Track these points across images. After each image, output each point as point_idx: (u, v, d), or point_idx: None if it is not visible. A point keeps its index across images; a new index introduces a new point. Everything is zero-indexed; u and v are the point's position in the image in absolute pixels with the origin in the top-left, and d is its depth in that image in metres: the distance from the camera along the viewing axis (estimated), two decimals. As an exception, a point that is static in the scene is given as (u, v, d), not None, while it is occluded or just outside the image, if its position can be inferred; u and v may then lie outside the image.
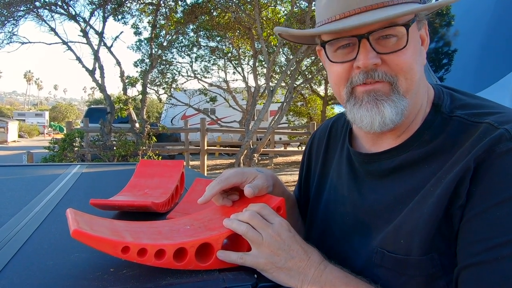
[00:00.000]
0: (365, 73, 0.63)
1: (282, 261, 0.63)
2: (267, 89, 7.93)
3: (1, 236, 0.79)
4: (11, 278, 0.61)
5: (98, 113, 11.49)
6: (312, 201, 0.86)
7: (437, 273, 0.58)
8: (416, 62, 0.63)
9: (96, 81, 7.72)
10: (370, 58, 0.61)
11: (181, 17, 8.86)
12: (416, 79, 0.63)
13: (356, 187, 0.72)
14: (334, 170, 0.81)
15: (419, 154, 0.64)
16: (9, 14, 7.51)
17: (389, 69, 0.62)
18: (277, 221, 0.66)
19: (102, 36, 7.78)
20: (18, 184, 1.39)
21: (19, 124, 25.43)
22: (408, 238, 0.60)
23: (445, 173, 0.59)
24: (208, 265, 0.65)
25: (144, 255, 0.61)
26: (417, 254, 0.59)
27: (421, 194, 0.61)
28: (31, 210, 0.98)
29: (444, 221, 0.57)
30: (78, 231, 0.59)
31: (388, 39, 0.61)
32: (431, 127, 0.65)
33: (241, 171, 0.75)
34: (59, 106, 44.84)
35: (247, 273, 0.65)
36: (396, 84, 0.62)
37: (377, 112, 0.62)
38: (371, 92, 0.63)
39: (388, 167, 0.67)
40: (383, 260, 0.63)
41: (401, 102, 0.62)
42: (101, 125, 7.63)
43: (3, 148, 18.00)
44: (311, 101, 15.10)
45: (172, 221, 0.78)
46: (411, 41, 0.62)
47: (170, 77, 11.34)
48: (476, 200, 0.55)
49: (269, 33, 8.87)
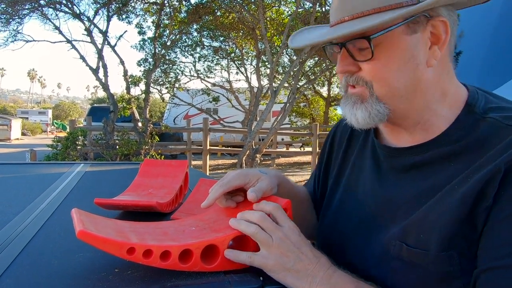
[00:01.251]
0: (345, 77, 0.68)
1: (291, 262, 0.63)
2: (270, 90, 7.93)
3: (6, 234, 0.79)
4: (16, 277, 0.61)
5: (101, 112, 11.51)
6: (330, 189, 0.85)
7: (454, 272, 0.57)
8: (394, 71, 0.64)
9: (99, 80, 7.74)
10: (343, 65, 0.67)
11: (185, 17, 8.87)
12: (396, 86, 0.64)
13: (378, 178, 0.72)
14: (355, 160, 0.81)
15: (447, 151, 0.63)
16: (14, 12, 7.54)
17: (364, 76, 0.66)
18: (287, 225, 0.67)
19: (106, 35, 7.80)
20: (22, 183, 1.39)
21: (22, 122, 25.51)
22: (428, 233, 0.60)
23: (472, 173, 0.58)
24: (214, 266, 0.65)
25: (149, 256, 0.61)
26: (436, 250, 0.58)
27: (445, 191, 0.60)
28: (36, 209, 0.98)
29: (467, 221, 0.57)
30: (83, 232, 0.59)
31: (363, 48, 0.64)
32: (462, 127, 0.64)
33: (244, 173, 0.75)
34: (62, 105, 44.99)
35: (253, 275, 0.65)
36: (371, 89, 0.66)
37: (352, 114, 0.68)
38: (353, 95, 0.68)
39: (413, 162, 0.67)
40: (400, 253, 0.62)
41: (374, 107, 0.66)
42: (104, 124, 7.65)
43: (6, 145, 18.07)
44: (314, 102, 15.09)
45: (178, 222, 0.78)
46: (384, 51, 0.63)
47: (173, 76, 11.36)
48: (504, 203, 0.54)
49: (273, 33, 8.86)
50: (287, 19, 8.39)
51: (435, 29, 0.64)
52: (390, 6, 0.61)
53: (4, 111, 34.60)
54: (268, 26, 8.59)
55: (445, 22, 0.64)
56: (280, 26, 8.77)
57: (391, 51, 0.63)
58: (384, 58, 0.63)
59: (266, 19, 8.51)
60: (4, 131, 21.13)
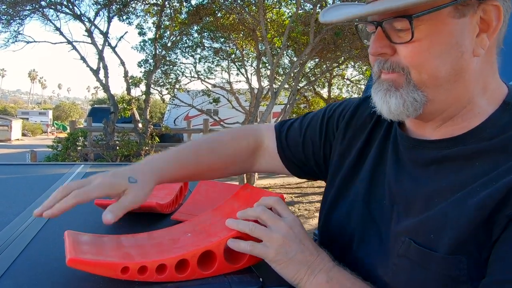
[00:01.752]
0: (379, 62, 0.62)
1: (292, 252, 0.63)
2: (270, 91, 7.93)
3: (6, 235, 0.79)
4: (16, 278, 0.61)
5: (101, 112, 11.50)
6: (343, 181, 0.78)
7: (461, 277, 0.54)
8: (434, 57, 0.57)
9: (100, 81, 7.74)
10: (377, 46, 0.60)
11: (186, 18, 8.88)
12: (436, 74, 0.58)
13: (396, 171, 0.68)
14: (376, 153, 0.74)
15: (474, 149, 0.58)
16: (15, 13, 7.55)
17: (400, 60, 0.60)
18: (290, 217, 0.67)
19: (107, 36, 7.81)
20: (22, 183, 1.40)
21: (23, 122, 25.48)
22: (439, 233, 0.56)
23: (498, 176, 0.54)
24: (212, 272, 0.65)
25: (144, 272, 0.61)
26: (444, 252, 0.55)
27: (466, 192, 0.56)
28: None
29: (484, 226, 0.53)
30: (73, 260, 0.58)
31: (402, 29, 0.58)
32: (495, 126, 0.59)
33: (108, 183, 0.68)
34: (62, 105, 44.95)
35: (253, 276, 0.65)
36: (408, 76, 0.59)
37: (384, 102, 0.62)
38: (385, 81, 0.62)
39: (436, 157, 0.62)
40: (408, 251, 0.59)
41: (411, 95, 0.60)
42: (104, 124, 7.65)
43: (7, 146, 18.07)
44: (314, 103, 15.07)
45: (173, 228, 0.77)
46: (425, 34, 0.56)
47: (174, 77, 11.35)
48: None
49: (273, 35, 8.87)
50: (287, 20, 8.40)
51: (486, 14, 0.57)
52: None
53: (5, 112, 34.62)
54: (268, 28, 8.59)
55: (499, 7, 0.56)
56: (281, 27, 8.78)
57: (434, 34, 0.56)
58: (425, 42, 0.57)
59: (267, 20, 8.52)
60: (4, 131, 21.12)
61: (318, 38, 7.46)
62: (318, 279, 0.61)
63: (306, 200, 6.85)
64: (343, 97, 14.24)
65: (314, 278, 0.61)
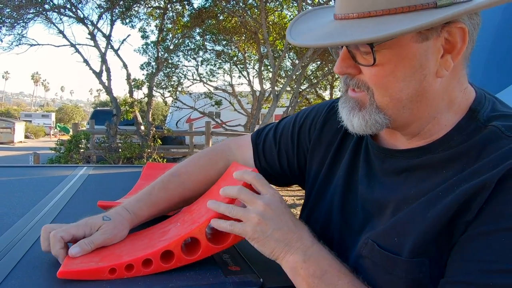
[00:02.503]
0: (345, 77, 0.64)
1: (269, 230, 0.63)
2: (272, 93, 7.95)
3: (10, 237, 0.80)
4: (20, 279, 0.62)
5: (104, 115, 11.55)
6: (320, 185, 0.80)
7: (423, 279, 0.56)
8: (397, 80, 0.58)
9: (102, 84, 7.79)
10: (341, 66, 0.61)
11: (188, 21, 8.92)
12: (398, 97, 0.59)
13: (368, 179, 0.69)
14: (348, 159, 0.76)
15: (441, 157, 0.60)
16: (19, 17, 7.61)
17: (366, 80, 0.61)
18: (269, 193, 0.67)
19: (110, 39, 7.86)
20: (25, 185, 1.41)
21: (26, 125, 25.61)
22: (402, 237, 0.58)
23: (460, 181, 0.55)
24: (198, 256, 0.67)
25: (131, 269, 0.64)
26: (408, 256, 0.56)
27: (429, 196, 0.58)
28: (39, 211, 1.00)
29: (445, 230, 0.55)
30: (63, 272, 0.62)
31: (367, 52, 0.58)
32: (462, 133, 0.60)
33: (84, 223, 0.73)
34: (65, 108, 45.15)
35: (253, 276, 0.66)
36: (372, 97, 0.61)
37: (348, 119, 0.64)
38: (351, 99, 0.64)
39: (406, 166, 0.64)
40: (371, 253, 0.61)
41: (373, 117, 0.61)
42: (107, 127, 7.68)
43: (10, 148, 18.15)
44: (316, 105, 15.06)
45: (167, 220, 0.80)
46: (389, 59, 0.57)
47: (176, 80, 11.40)
48: (486, 218, 0.52)
49: (275, 37, 8.89)
50: (289, 23, 8.42)
51: (451, 35, 0.57)
52: (402, 8, 0.54)
53: (8, 114, 34.78)
54: (270, 30, 8.62)
55: (464, 29, 0.56)
56: (282, 30, 8.80)
57: (396, 58, 0.57)
58: (388, 66, 0.57)
59: (269, 23, 8.55)
60: (7, 134, 21.21)
61: (320, 41, 7.46)
62: (294, 258, 0.62)
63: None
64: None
65: (291, 256, 0.62)
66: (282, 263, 0.63)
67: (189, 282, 0.63)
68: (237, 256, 0.75)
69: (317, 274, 0.60)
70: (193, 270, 0.67)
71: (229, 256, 0.75)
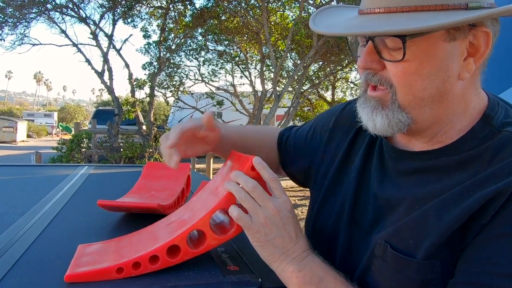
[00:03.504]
0: (367, 74, 0.62)
1: (271, 235, 0.63)
2: (274, 94, 7.95)
3: (10, 235, 0.80)
4: (19, 277, 0.62)
5: (105, 114, 11.55)
6: (331, 182, 0.80)
7: (434, 280, 0.56)
8: (422, 78, 0.58)
9: (104, 83, 7.80)
10: (366, 60, 0.60)
11: (190, 21, 8.93)
12: (421, 95, 0.59)
13: (380, 178, 0.70)
14: (361, 157, 0.76)
15: (454, 160, 0.60)
16: (22, 16, 7.63)
17: (388, 77, 0.60)
18: (281, 199, 0.66)
19: (112, 38, 7.87)
20: (27, 184, 1.41)
21: (28, 124, 25.64)
22: (417, 239, 0.58)
23: (475, 186, 0.55)
24: (204, 248, 0.67)
25: (139, 267, 0.64)
26: (421, 258, 0.57)
27: (443, 199, 0.58)
28: (40, 210, 1.00)
29: (459, 232, 0.55)
30: (69, 276, 0.62)
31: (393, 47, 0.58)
32: (475, 138, 0.60)
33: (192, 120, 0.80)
34: (67, 107, 45.26)
35: (251, 276, 0.66)
36: (394, 95, 0.60)
37: (370, 119, 0.63)
38: (372, 99, 0.63)
39: (418, 167, 0.64)
40: (384, 254, 0.61)
41: (396, 116, 0.60)
42: (108, 126, 7.70)
43: (12, 147, 18.20)
44: (318, 106, 15.05)
45: (170, 216, 0.80)
46: (417, 56, 0.56)
47: (178, 80, 11.40)
48: (500, 222, 0.52)
49: (277, 37, 8.89)
50: (291, 23, 8.42)
51: (476, 39, 0.57)
52: (434, 6, 0.54)
53: (10, 114, 34.87)
54: (272, 31, 8.62)
55: (488, 34, 0.57)
56: (284, 30, 8.80)
57: (424, 56, 0.57)
58: (415, 63, 0.57)
59: (270, 23, 8.55)
60: (10, 133, 21.27)
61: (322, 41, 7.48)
62: (290, 268, 0.62)
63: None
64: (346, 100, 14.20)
65: (286, 265, 0.63)
66: (277, 270, 0.64)
67: (187, 281, 0.63)
68: (236, 256, 0.75)
69: (314, 281, 0.61)
70: (192, 269, 0.67)
71: (228, 256, 0.75)
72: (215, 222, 0.71)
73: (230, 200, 0.67)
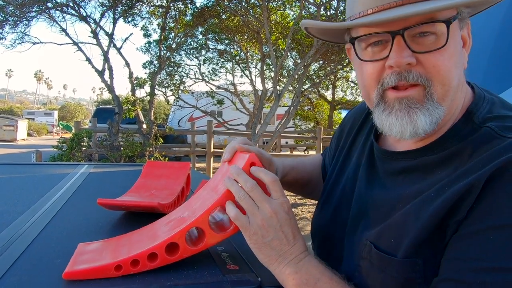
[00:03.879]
0: (398, 74, 0.57)
1: (268, 237, 0.63)
2: (274, 93, 7.94)
3: (10, 233, 0.80)
4: (19, 276, 0.62)
5: (106, 113, 11.57)
6: (333, 182, 0.82)
7: (417, 279, 0.56)
8: (455, 66, 0.56)
9: (105, 82, 7.79)
10: (404, 56, 0.55)
11: (190, 20, 8.92)
12: (454, 85, 0.57)
13: (369, 179, 0.71)
14: (356, 157, 0.78)
15: (436, 159, 0.60)
16: (22, 15, 7.62)
17: (424, 70, 0.56)
18: (280, 200, 0.64)
19: (112, 37, 7.86)
20: (27, 183, 1.41)
21: (29, 122, 25.68)
22: (398, 238, 0.58)
23: (452, 182, 0.55)
24: (203, 246, 0.67)
25: (137, 265, 0.64)
26: (402, 256, 0.57)
27: (422, 198, 0.58)
28: (40, 209, 1.00)
29: (438, 230, 0.55)
30: (68, 273, 0.62)
31: (425, 37, 0.55)
32: (457, 135, 0.59)
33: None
34: (68, 106, 45.28)
35: (251, 275, 0.66)
36: (431, 89, 0.56)
37: (408, 122, 0.58)
38: (403, 99, 0.58)
39: (403, 167, 0.64)
40: (370, 254, 0.62)
41: (436, 111, 0.57)
42: (109, 125, 7.69)
43: (13, 146, 18.22)
44: (318, 105, 15.07)
45: (170, 214, 0.80)
46: (451, 41, 0.55)
47: (178, 79, 11.40)
48: (475, 217, 0.52)
49: (278, 36, 8.88)
50: (291, 22, 8.40)
51: (466, 30, 0.59)
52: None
53: (11, 112, 34.89)
54: (272, 30, 8.61)
55: (469, 25, 0.59)
56: (285, 29, 8.79)
57: (454, 43, 0.55)
58: (450, 50, 0.54)
59: (271, 22, 8.54)
60: (10, 131, 21.29)
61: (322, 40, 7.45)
62: (286, 270, 0.62)
63: (310, 203, 6.84)
64: (347, 100, 14.21)
65: (283, 268, 0.63)
66: (274, 272, 0.64)
67: (187, 280, 0.63)
68: (235, 255, 0.75)
69: (310, 282, 0.61)
70: (191, 268, 0.67)
71: (228, 255, 0.75)
72: (214, 220, 0.71)
73: (229, 198, 0.67)
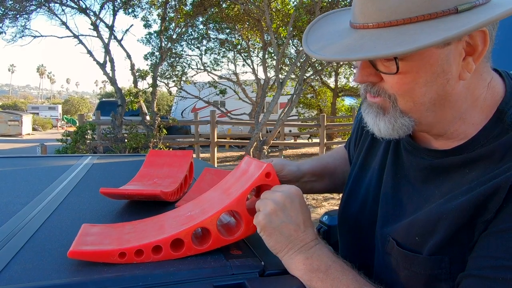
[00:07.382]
0: (365, 86, 0.63)
1: (277, 221, 0.64)
2: (276, 81, 7.90)
3: (15, 223, 0.81)
4: (23, 264, 0.62)
5: (109, 106, 11.61)
6: (355, 175, 0.83)
7: (442, 275, 0.57)
8: (420, 85, 0.57)
9: (107, 74, 7.78)
10: (364, 75, 0.61)
11: (190, 9, 8.84)
12: (421, 101, 0.58)
13: (393, 172, 0.71)
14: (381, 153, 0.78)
15: (466, 158, 0.60)
16: (22, 8, 7.60)
17: (387, 88, 0.60)
18: (292, 188, 0.68)
19: (113, 29, 7.82)
20: (31, 175, 1.42)
21: (33, 117, 25.83)
22: (423, 236, 0.59)
23: (480, 183, 0.55)
24: (207, 246, 0.67)
25: (141, 255, 0.65)
26: (427, 253, 0.58)
27: (449, 197, 0.58)
28: (44, 199, 1.00)
29: (466, 229, 0.55)
30: (73, 252, 0.63)
31: (388, 60, 0.57)
32: (488, 136, 0.59)
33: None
34: (71, 100, 45.41)
35: (254, 260, 0.66)
36: (395, 102, 0.60)
37: (374, 124, 0.64)
38: (373, 105, 0.63)
39: (431, 165, 0.65)
40: (392, 250, 0.63)
41: (399, 120, 0.61)
42: (112, 117, 7.71)
43: (18, 140, 18.35)
44: (321, 93, 14.99)
45: (179, 209, 0.80)
46: (412, 66, 0.56)
47: (180, 70, 11.37)
48: (503, 217, 0.52)
49: (279, 24, 8.79)
50: (292, 10, 8.30)
51: (472, 39, 0.56)
52: (423, 16, 0.52)
53: (15, 107, 35.08)
54: (273, 17, 8.53)
55: (484, 32, 0.55)
56: (286, 17, 8.70)
57: (419, 66, 0.56)
58: (411, 73, 0.57)
59: (272, 10, 8.45)
60: (15, 126, 21.43)
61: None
62: (297, 256, 0.63)
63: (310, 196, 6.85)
64: (350, 86, 14.11)
65: (293, 254, 0.63)
66: (284, 259, 0.64)
67: (190, 265, 0.63)
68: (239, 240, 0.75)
69: (322, 269, 0.61)
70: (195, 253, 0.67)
71: (231, 240, 0.75)
72: (221, 223, 0.72)
73: (241, 203, 0.68)
